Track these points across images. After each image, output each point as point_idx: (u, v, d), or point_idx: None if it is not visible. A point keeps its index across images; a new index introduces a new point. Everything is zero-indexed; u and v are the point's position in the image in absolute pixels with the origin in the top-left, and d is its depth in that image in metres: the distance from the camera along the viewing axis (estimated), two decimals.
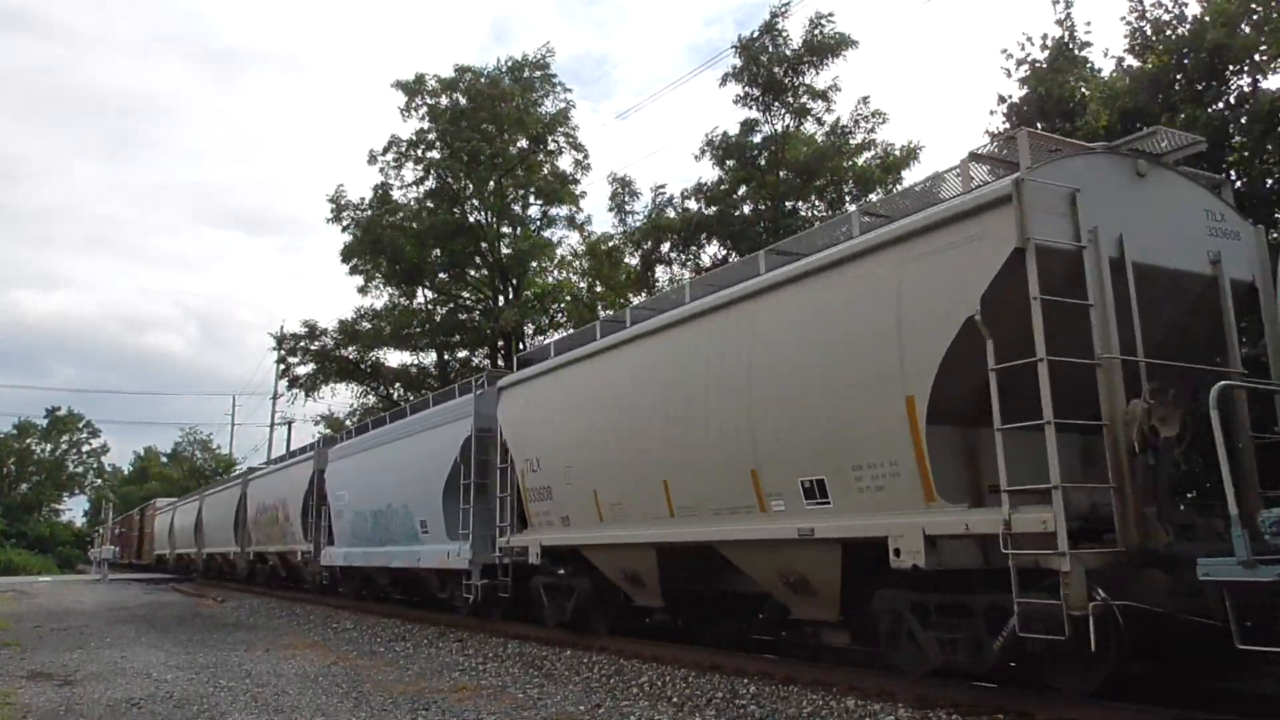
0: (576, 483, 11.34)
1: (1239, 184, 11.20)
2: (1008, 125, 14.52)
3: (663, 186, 30.78)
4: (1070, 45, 14.58)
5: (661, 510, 9.77)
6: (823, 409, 7.75)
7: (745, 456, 8.53)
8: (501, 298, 32.14)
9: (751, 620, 10.39)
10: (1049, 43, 14.65)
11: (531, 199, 33.34)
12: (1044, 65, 14.48)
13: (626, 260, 26.73)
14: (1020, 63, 14.83)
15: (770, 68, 22.01)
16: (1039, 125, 13.26)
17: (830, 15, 22.02)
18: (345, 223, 32.42)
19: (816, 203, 22.47)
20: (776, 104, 22.42)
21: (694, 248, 23.95)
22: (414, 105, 31.39)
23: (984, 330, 6.40)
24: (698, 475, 9.21)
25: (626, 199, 27.18)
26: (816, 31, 21.62)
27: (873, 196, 21.47)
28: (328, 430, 34.44)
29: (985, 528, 6.52)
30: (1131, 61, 13.61)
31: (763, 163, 22.65)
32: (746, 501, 8.57)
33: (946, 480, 6.93)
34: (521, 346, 27.75)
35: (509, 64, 31.59)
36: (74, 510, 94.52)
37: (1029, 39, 14.93)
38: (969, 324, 6.49)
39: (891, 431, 7.10)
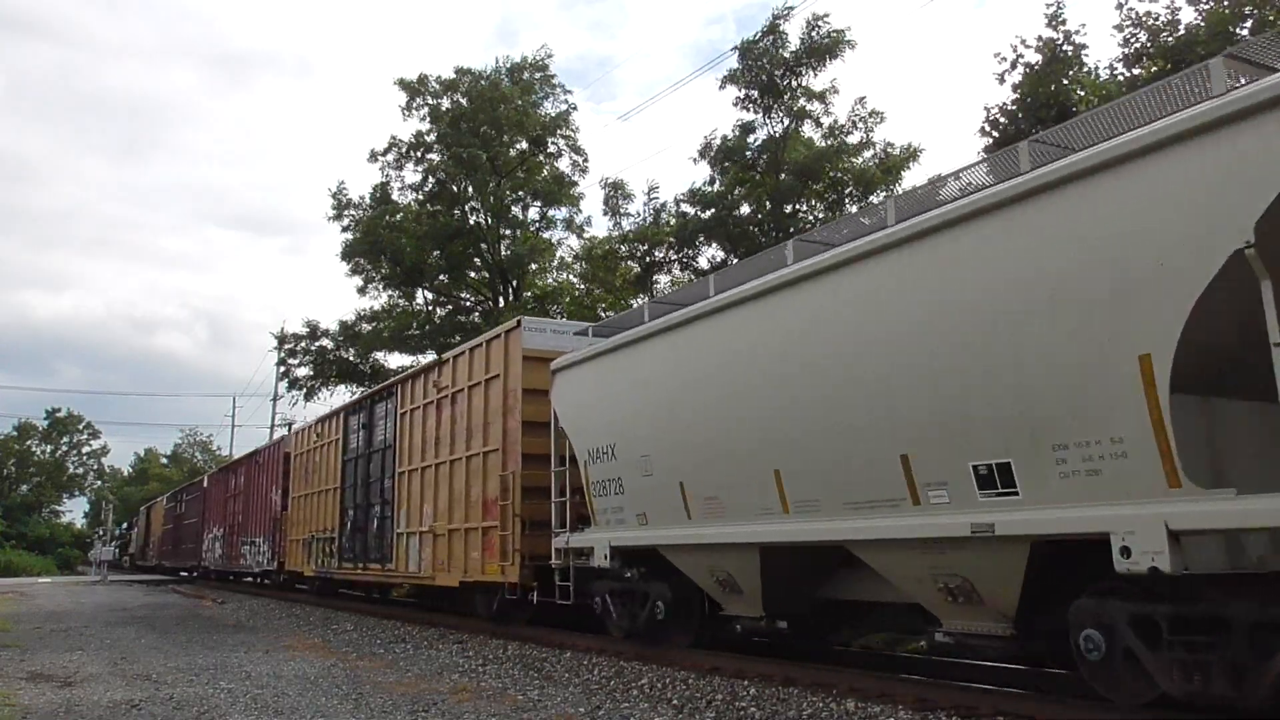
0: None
1: None
2: (996, 135, 14.62)
3: (656, 188, 30.87)
4: (1064, 47, 14.60)
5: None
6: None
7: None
8: (501, 299, 32.11)
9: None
10: (1043, 44, 14.67)
11: (531, 201, 33.37)
12: (1037, 68, 14.48)
13: (623, 264, 26.77)
14: (1014, 64, 14.85)
15: (770, 70, 22.03)
16: (1034, 128, 13.30)
17: (826, 16, 21.96)
18: (346, 221, 32.50)
19: (816, 205, 22.49)
20: (775, 106, 22.44)
21: (690, 251, 24.00)
22: (415, 105, 31.41)
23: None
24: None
25: (620, 202, 27.25)
26: (813, 33, 21.63)
27: (873, 198, 21.52)
28: None
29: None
30: (1125, 70, 13.64)
31: (761, 166, 22.66)
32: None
33: None
34: None
35: (508, 65, 31.67)
36: (74, 512, 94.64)
37: (1022, 41, 14.97)
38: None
39: None
